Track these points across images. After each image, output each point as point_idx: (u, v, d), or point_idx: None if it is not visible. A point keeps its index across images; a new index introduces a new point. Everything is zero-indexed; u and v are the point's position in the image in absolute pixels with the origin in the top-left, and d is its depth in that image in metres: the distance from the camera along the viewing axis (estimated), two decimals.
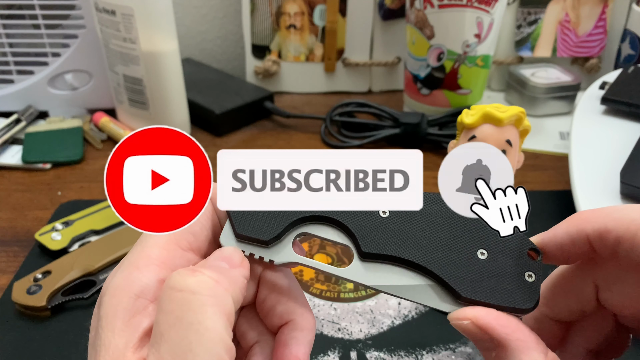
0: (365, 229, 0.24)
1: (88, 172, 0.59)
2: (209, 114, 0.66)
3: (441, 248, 0.24)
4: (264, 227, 0.24)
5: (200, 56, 0.84)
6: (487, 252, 0.24)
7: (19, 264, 0.46)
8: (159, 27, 0.57)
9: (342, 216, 0.24)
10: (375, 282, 0.24)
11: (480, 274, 0.23)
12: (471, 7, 0.58)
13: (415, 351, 0.38)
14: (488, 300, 0.23)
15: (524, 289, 0.23)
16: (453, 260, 0.23)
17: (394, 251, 0.24)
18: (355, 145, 0.63)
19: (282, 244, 0.25)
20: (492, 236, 0.24)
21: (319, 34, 0.75)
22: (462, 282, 0.23)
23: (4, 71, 0.66)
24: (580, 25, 0.73)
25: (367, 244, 0.24)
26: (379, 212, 0.24)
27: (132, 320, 0.21)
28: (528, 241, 0.24)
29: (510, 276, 0.23)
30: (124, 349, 0.20)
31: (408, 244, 0.24)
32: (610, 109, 0.55)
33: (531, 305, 0.23)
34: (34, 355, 0.38)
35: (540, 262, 0.24)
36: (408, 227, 0.24)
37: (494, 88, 0.77)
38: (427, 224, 0.24)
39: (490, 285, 0.23)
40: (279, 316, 0.25)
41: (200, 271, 0.21)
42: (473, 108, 0.37)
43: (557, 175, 0.58)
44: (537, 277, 0.24)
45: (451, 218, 0.25)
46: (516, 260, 0.24)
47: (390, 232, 0.24)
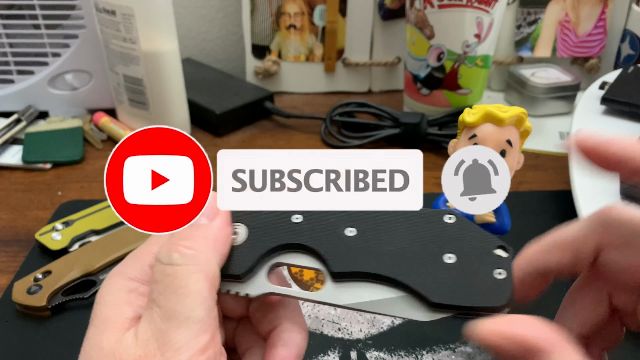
0: (334, 251, 0.24)
1: (88, 172, 0.59)
2: (209, 114, 0.66)
3: (409, 258, 0.24)
4: (235, 263, 0.25)
5: (200, 56, 0.84)
6: (455, 255, 0.24)
7: (19, 264, 0.46)
8: (159, 27, 0.57)
9: (311, 241, 0.25)
10: (348, 301, 0.24)
11: (449, 278, 0.23)
12: (471, 7, 0.58)
13: (415, 351, 0.38)
14: (459, 303, 0.23)
15: (495, 287, 0.23)
16: (421, 269, 0.23)
17: (363, 267, 0.24)
18: (355, 145, 0.63)
19: (256, 277, 0.25)
20: (458, 239, 0.24)
21: (319, 34, 0.75)
22: (432, 288, 0.23)
23: (4, 71, 0.66)
24: (580, 25, 0.73)
25: (336, 265, 0.24)
26: (345, 232, 0.25)
27: (125, 297, 0.23)
28: (495, 239, 0.24)
29: (480, 276, 0.23)
30: (115, 318, 0.22)
31: (376, 259, 0.24)
32: (610, 109, 0.55)
33: (503, 302, 0.23)
34: (34, 355, 0.38)
35: (510, 258, 0.24)
36: (375, 242, 0.24)
37: (494, 88, 0.77)
38: (393, 237, 0.24)
39: (460, 288, 0.23)
40: (269, 321, 0.26)
41: (184, 245, 0.23)
42: (475, 107, 0.37)
43: (557, 175, 0.58)
44: (507, 273, 0.23)
45: (417, 227, 0.25)
46: (484, 259, 0.24)
47: (358, 249, 0.24)
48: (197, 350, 0.21)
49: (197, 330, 0.21)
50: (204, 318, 0.22)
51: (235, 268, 0.25)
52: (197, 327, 0.21)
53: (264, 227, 0.25)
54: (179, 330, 0.21)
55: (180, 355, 0.21)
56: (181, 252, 0.22)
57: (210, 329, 0.22)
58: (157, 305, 0.22)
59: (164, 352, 0.21)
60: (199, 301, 0.22)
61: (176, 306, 0.21)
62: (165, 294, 0.22)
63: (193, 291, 0.22)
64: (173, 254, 0.22)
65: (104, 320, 0.23)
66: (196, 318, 0.21)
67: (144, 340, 0.21)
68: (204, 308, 0.22)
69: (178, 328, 0.21)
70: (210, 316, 0.22)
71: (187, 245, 0.23)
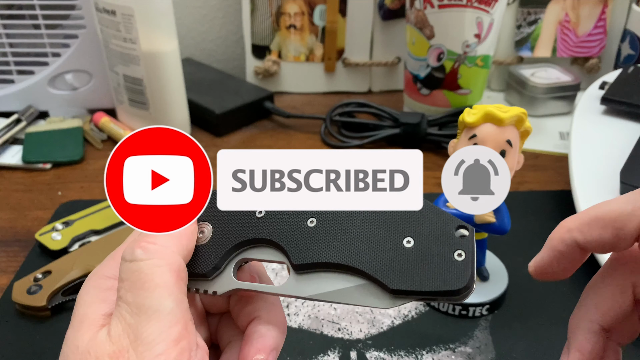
0: (295, 242, 0.24)
1: (88, 172, 0.59)
2: (209, 114, 0.66)
3: (368, 244, 0.23)
4: (201, 262, 0.25)
5: (200, 56, 0.84)
6: (413, 239, 0.23)
7: (19, 264, 0.46)
8: (159, 27, 0.57)
9: (273, 235, 0.25)
10: (310, 293, 0.24)
11: (407, 263, 0.23)
12: (471, 7, 0.58)
13: (415, 351, 0.38)
14: (417, 288, 0.22)
15: (454, 270, 0.22)
16: (380, 255, 0.23)
17: (322, 258, 0.24)
18: (355, 145, 0.63)
19: (223, 274, 0.25)
20: (417, 222, 0.24)
21: (319, 34, 0.75)
22: (391, 274, 0.23)
23: (4, 71, 0.66)
24: (580, 25, 0.73)
25: (296, 256, 0.24)
26: (307, 222, 0.25)
27: (101, 295, 0.24)
28: (454, 220, 0.24)
29: (438, 259, 0.23)
30: (92, 315, 0.23)
31: (335, 248, 0.24)
32: (610, 109, 0.55)
33: (462, 284, 0.22)
34: (34, 355, 0.38)
35: (470, 239, 0.23)
36: (335, 231, 0.24)
37: (494, 88, 0.77)
38: (354, 225, 0.24)
39: (418, 273, 0.22)
40: (247, 314, 0.26)
41: (146, 241, 0.23)
42: (475, 107, 0.37)
43: (557, 175, 0.58)
44: (467, 254, 0.23)
45: (377, 215, 0.24)
46: (444, 241, 0.23)
47: (318, 240, 0.24)
48: (170, 341, 0.21)
49: (168, 322, 0.21)
50: (174, 309, 0.21)
51: (201, 267, 0.25)
52: (167, 319, 0.21)
53: (228, 224, 0.25)
54: (150, 324, 0.21)
55: (153, 348, 0.21)
56: (144, 248, 0.22)
57: (181, 320, 0.22)
58: (124, 301, 0.22)
59: (137, 346, 0.21)
60: (166, 293, 0.22)
61: (144, 300, 0.21)
62: (131, 290, 0.22)
63: (159, 284, 0.22)
64: (136, 250, 0.22)
65: (81, 319, 0.23)
66: (165, 310, 0.21)
67: (116, 336, 0.21)
68: (172, 300, 0.22)
69: (148, 322, 0.21)
70: (180, 307, 0.22)
71: (150, 241, 0.23)
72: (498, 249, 0.45)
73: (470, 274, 0.22)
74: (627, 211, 0.24)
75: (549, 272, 0.26)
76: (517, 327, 0.40)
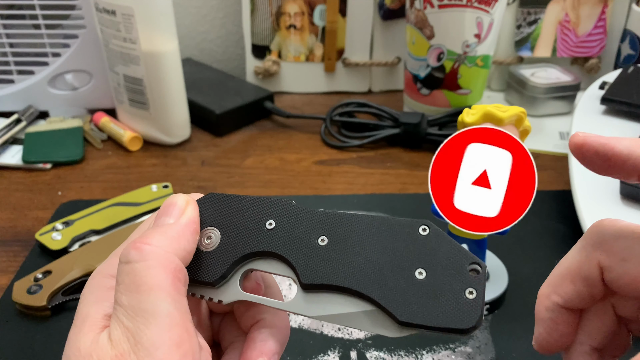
0: (305, 260, 0.24)
1: (88, 172, 0.59)
2: (209, 114, 0.66)
3: (379, 272, 0.23)
4: (208, 270, 0.25)
5: (200, 56, 0.85)
6: (426, 271, 0.23)
7: (19, 264, 0.46)
8: (159, 27, 0.57)
9: (283, 250, 0.24)
10: (316, 313, 0.24)
11: (418, 295, 0.22)
12: (471, 7, 0.58)
13: (415, 351, 0.38)
14: (425, 323, 0.22)
15: (464, 308, 0.22)
16: (391, 284, 0.23)
17: (332, 280, 0.23)
18: (355, 145, 0.63)
19: (229, 283, 0.25)
20: (431, 254, 0.23)
21: (319, 34, 0.75)
22: (400, 306, 0.22)
23: (4, 71, 0.66)
24: (580, 25, 0.73)
25: (306, 276, 0.24)
26: (318, 240, 0.24)
27: (103, 294, 0.23)
28: (469, 256, 0.23)
29: (449, 295, 0.22)
30: (94, 315, 0.22)
31: (346, 271, 0.23)
32: (610, 109, 0.55)
33: (471, 324, 0.22)
34: (34, 355, 0.38)
35: (482, 277, 0.23)
36: (346, 252, 0.24)
37: (494, 88, 0.77)
38: (365, 248, 0.24)
39: (428, 307, 0.22)
40: (251, 316, 0.26)
41: (141, 242, 0.22)
42: (474, 107, 0.37)
43: (557, 175, 0.58)
44: (478, 293, 0.22)
45: (389, 240, 0.24)
46: (456, 277, 0.23)
47: (329, 260, 0.24)
48: (172, 345, 0.20)
49: (167, 324, 0.21)
50: (172, 312, 0.21)
51: (208, 274, 0.25)
52: (165, 322, 0.21)
53: (237, 232, 0.25)
54: (148, 327, 0.20)
55: (154, 353, 0.20)
56: (138, 249, 0.22)
57: (180, 322, 0.21)
58: (119, 304, 0.21)
59: (137, 351, 0.20)
60: (161, 295, 0.21)
61: (139, 303, 0.21)
62: (126, 293, 0.21)
63: (153, 286, 0.21)
64: (131, 251, 0.22)
65: (83, 319, 0.22)
66: (163, 312, 0.21)
67: (116, 340, 0.21)
68: (169, 302, 0.21)
69: (146, 325, 0.20)
70: (178, 309, 0.21)
71: (145, 242, 0.22)
72: (498, 249, 0.45)
73: (479, 314, 0.22)
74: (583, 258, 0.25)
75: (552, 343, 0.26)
76: (517, 327, 0.40)
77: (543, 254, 0.46)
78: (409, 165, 0.61)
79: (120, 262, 0.22)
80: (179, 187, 0.56)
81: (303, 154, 0.63)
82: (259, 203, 0.26)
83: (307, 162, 0.61)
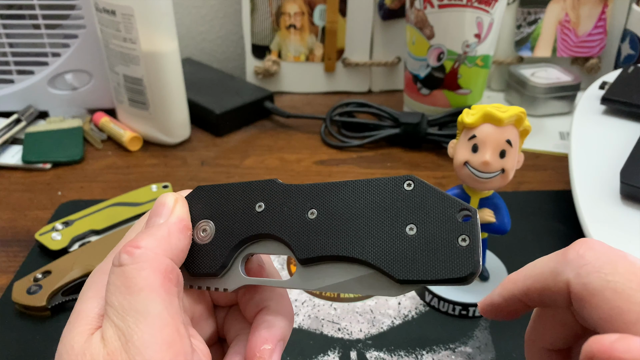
0: (298, 237, 0.24)
1: (88, 172, 0.59)
2: (209, 114, 0.66)
3: (371, 235, 0.23)
4: (208, 261, 0.25)
5: (200, 56, 0.85)
6: (416, 226, 0.23)
7: (19, 264, 0.46)
8: (159, 27, 0.57)
9: (276, 229, 0.25)
10: (318, 285, 0.24)
11: (412, 251, 0.22)
12: (471, 7, 0.58)
13: (415, 351, 0.38)
14: (423, 278, 0.22)
15: (459, 256, 0.22)
16: (384, 245, 0.23)
17: (327, 251, 0.24)
18: (355, 145, 0.63)
19: (231, 271, 0.25)
20: (419, 208, 0.23)
21: (319, 34, 0.75)
22: (396, 264, 0.22)
23: (4, 71, 0.66)
24: (580, 25, 0.73)
25: (301, 251, 0.24)
26: (307, 214, 0.24)
27: (100, 292, 0.23)
28: (458, 202, 0.23)
29: (442, 245, 0.22)
30: (87, 312, 0.23)
31: (339, 240, 0.24)
32: (610, 109, 0.55)
33: (469, 271, 0.22)
34: (34, 355, 0.38)
35: (474, 221, 0.22)
36: (336, 221, 0.24)
37: (494, 88, 0.77)
38: (354, 214, 0.24)
39: (424, 261, 0.22)
40: (255, 304, 0.26)
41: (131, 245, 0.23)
42: (474, 108, 0.37)
43: (557, 175, 0.58)
44: (471, 239, 0.22)
45: (376, 201, 0.24)
46: (447, 227, 0.23)
47: (321, 232, 0.24)
48: (163, 344, 0.21)
49: (157, 325, 0.21)
50: (162, 312, 0.21)
51: (209, 266, 0.25)
52: (155, 322, 0.21)
53: (229, 220, 0.25)
54: (138, 327, 0.21)
55: (145, 352, 0.20)
56: (129, 252, 0.22)
57: (171, 322, 0.21)
58: (110, 305, 0.22)
59: (128, 349, 0.20)
60: (151, 296, 0.21)
61: (130, 304, 0.21)
62: (116, 294, 0.22)
63: (144, 287, 0.21)
64: (122, 255, 0.22)
65: (76, 315, 0.23)
66: (153, 312, 0.21)
67: (108, 339, 0.21)
68: (159, 302, 0.21)
69: (136, 325, 0.21)
70: (168, 310, 0.22)
71: (135, 245, 0.23)
72: (498, 249, 0.45)
73: (475, 259, 0.22)
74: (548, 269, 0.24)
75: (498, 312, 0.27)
76: (517, 327, 0.40)
77: (543, 254, 0.46)
78: (409, 165, 0.61)
79: (113, 265, 0.23)
80: (179, 187, 0.56)
81: (303, 154, 0.63)
82: (246, 188, 0.26)
83: (307, 162, 0.61)
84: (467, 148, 0.36)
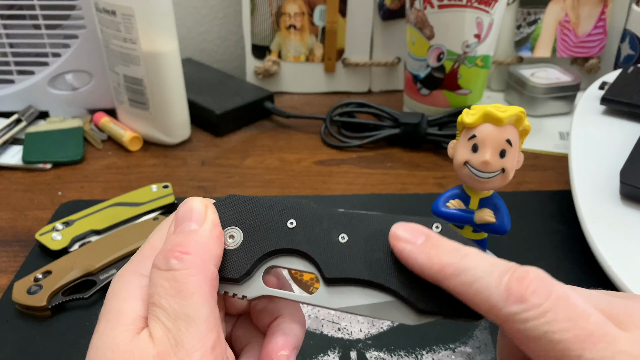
0: (326, 256, 0.25)
1: (88, 172, 0.59)
2: (209, 114, 0.66)
3: (397, 265, 0.24)
4: (233, 267, 0.26)
5: (200, 56, 0.85)
6: None
7: (19, 264, 0.46)
8: (159, 28, 0.57)
9: (305, 247, 0.25)
10: (339, 305, 0.25)
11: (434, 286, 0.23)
12: (471, 7, 0.58)
13: (415, 351, 0.38)
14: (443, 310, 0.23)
15: None
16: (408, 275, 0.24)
17: (354, 274, 0.25)
18: (355, 145, 0.63)
19: (252, 279, 0.26)
20: None
21: (319, 34, 0.75)
22: (418, 295, 0.24)
23: (4, 71, 0.66)
24: (580, 25, 0.73)
25: (328, 270, 0.25)
26: (338, 238, 0.25)
27: (138, 292, 0.24)
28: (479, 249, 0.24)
29: None
30: (128, 312, 0.23)
31: (366, 265, 0.25)
32: (610, 109, 0.55)
33: None
34: (34, 355, 0.38)
35: None
36: (365, 248, 0.25)
37: (494, 88, 0.77)
38: (383, 243, 0.25)
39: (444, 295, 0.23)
40: (269, 312, 0.27)
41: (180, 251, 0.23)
42: (473, 108, 0.37)
43: (557, 175, 0.58)
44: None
45: None
46: None
47: (350, 255, 0.25)
48: (208, 348, 0.22)
49: (204, 329, 0.22)
50: (209, 317, 0.22)
51: (233, 272, 0.25)
52: (203, 327, 0.22)
53: (259, 231, 0.26)
54: (188, 331, 0.22)
55: (193, 355, 0.21)
56: (179, 258, 0.23)
57: (215, 327, 0.22)
58: (159, 307, 0.22)
59: (177, 352, 0.21)
60: (201, 301, 0.22)
61: (181, 308, 0.22)
62: (166, 297, 0.22)
63: (195, 292, 0.22)
64: (171, 260, 0.23)
65: (117, 314, 0.23)
66: (202, 318, 0.22)
67: (158, 339, 0.22)
68: (207, 307, 0.22)
69: (187, 328, 0.22)
70: (213, 315, 0.22)
71: (183, 251, 0.23)
72: (498, 249, 0.45)
73: None
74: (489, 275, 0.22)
75: None
76: None
77: (543, 254, 0.46)
78: (409, 165, 0.61)
79: (159, 269, 0.23)
80: (179, 187, 0.56)
81: (303, 154, 0.63)
82: (279, 204, 0.27)
83: (307, 162, 0.62)
84: (467, 148, 0.37)
